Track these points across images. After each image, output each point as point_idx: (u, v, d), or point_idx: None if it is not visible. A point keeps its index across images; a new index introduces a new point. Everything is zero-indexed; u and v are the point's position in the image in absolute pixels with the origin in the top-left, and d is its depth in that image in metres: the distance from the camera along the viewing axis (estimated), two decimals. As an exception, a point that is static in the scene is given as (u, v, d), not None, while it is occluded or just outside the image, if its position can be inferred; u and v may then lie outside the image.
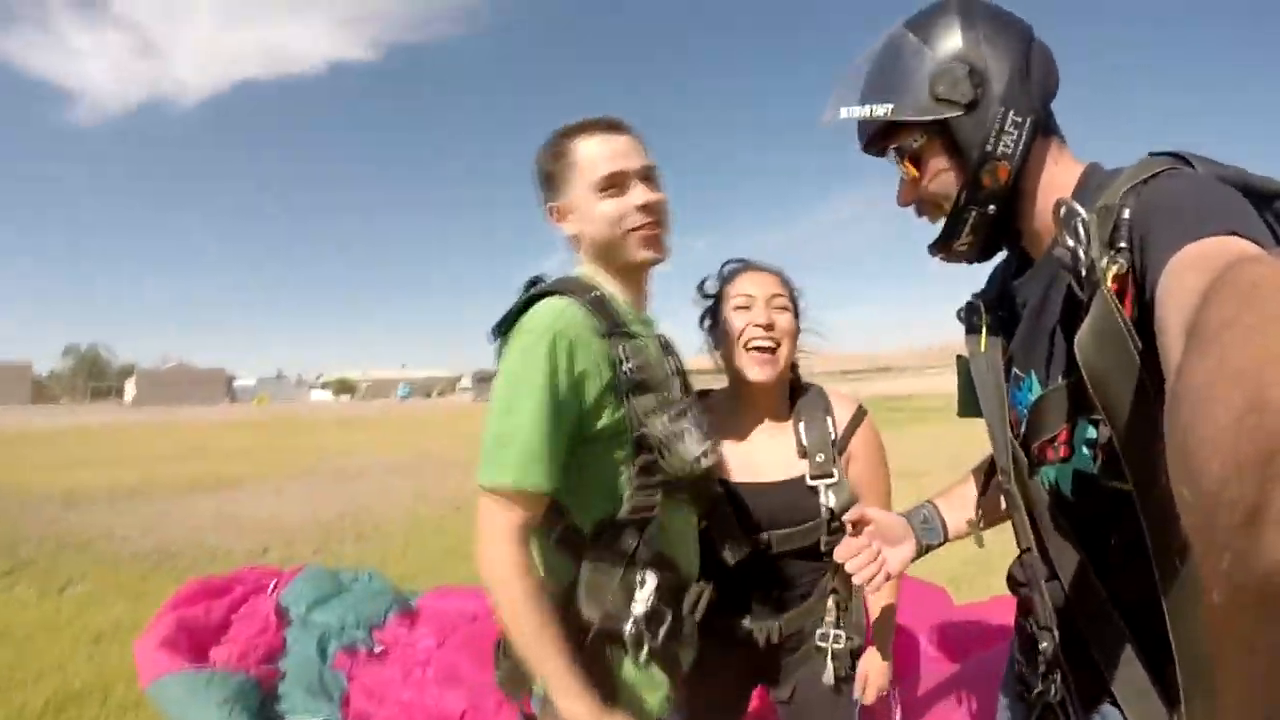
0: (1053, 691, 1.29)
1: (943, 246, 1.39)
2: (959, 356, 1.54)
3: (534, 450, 1.41)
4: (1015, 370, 1.38)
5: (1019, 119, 1.25)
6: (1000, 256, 1.47)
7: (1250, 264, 0.46)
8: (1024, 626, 1.43)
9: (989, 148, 1.26)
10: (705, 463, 1.58)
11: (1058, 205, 1.12)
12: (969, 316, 1.51)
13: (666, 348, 1.77)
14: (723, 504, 1.86)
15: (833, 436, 1.96)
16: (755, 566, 1.92)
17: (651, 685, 1.57)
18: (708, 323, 2.06)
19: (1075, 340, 1.05)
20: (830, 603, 1.96)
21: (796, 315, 2.02)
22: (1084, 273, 1.08)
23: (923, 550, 1.62)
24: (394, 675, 3.46)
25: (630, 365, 1.52)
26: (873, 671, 2.03)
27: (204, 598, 4.39)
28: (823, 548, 1.91)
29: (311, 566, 4.60)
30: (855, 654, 1.98)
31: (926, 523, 1.65)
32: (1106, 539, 1.20)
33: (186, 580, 5.38)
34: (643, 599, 1.52)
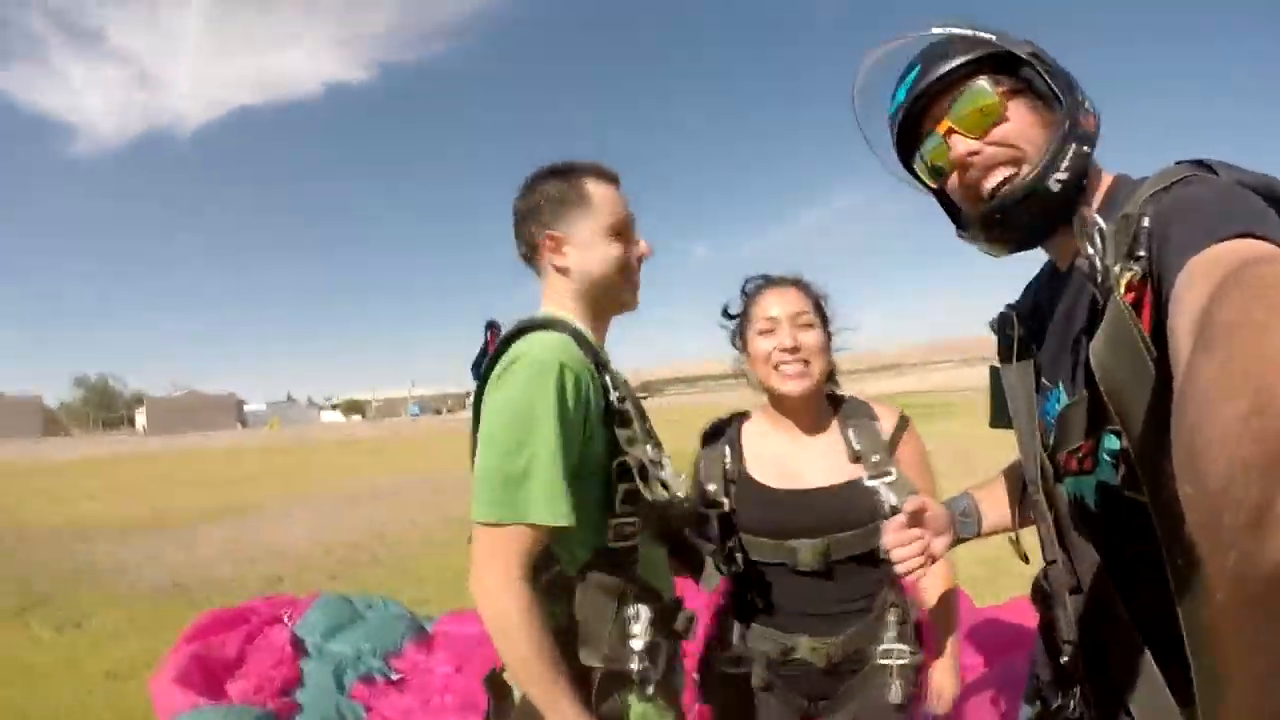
0: (1071, 707, 1.28)
1: (1005, 212, 1.26)
2: (991, 367, 1.51)
3: (555, 484, 1.37)
4: (1044, 381, 1.36)
5: (1091, 109, 1.24)
6: (1008, 268, 1.45)
7: (1259, 264, 0.48)
8: (1046, 639, 1.41)
9: (1079, 96, 1.23)
10: (680, 491, 1.60)
11: (1078, 215, 1.12)
12: (1002, 327, 1.48)
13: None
14: (769, 511, 1.93)
15: (884, 439, 1.97)
16: (810, 580, 1.90)
17: (658, 717, 1.55)
18: (739, 343, 2.08)
19: (1090, 348, 1.04)
20: (891, 617, 1.91)
21: (826, 324, 2.01)
22: (1100, 280, 1.08)
23: (956, 542, 1.60)
24: (413, 704, 3.43)
25: (617, 395, 1.53)
26: (945, 682, 2.00)
27: (218, 630, 4.36)
28: (883, 554, 1.71)
29: (326, 594, 4.59)
30: (920, 670, 1.94)
31: (965, 515, 1.63)
32: (1128, 552, 1.18)
33: (200, 613, 5.38)
34: (641, 633, 1.50)
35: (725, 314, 2.11)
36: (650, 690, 1.50)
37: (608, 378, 1.54)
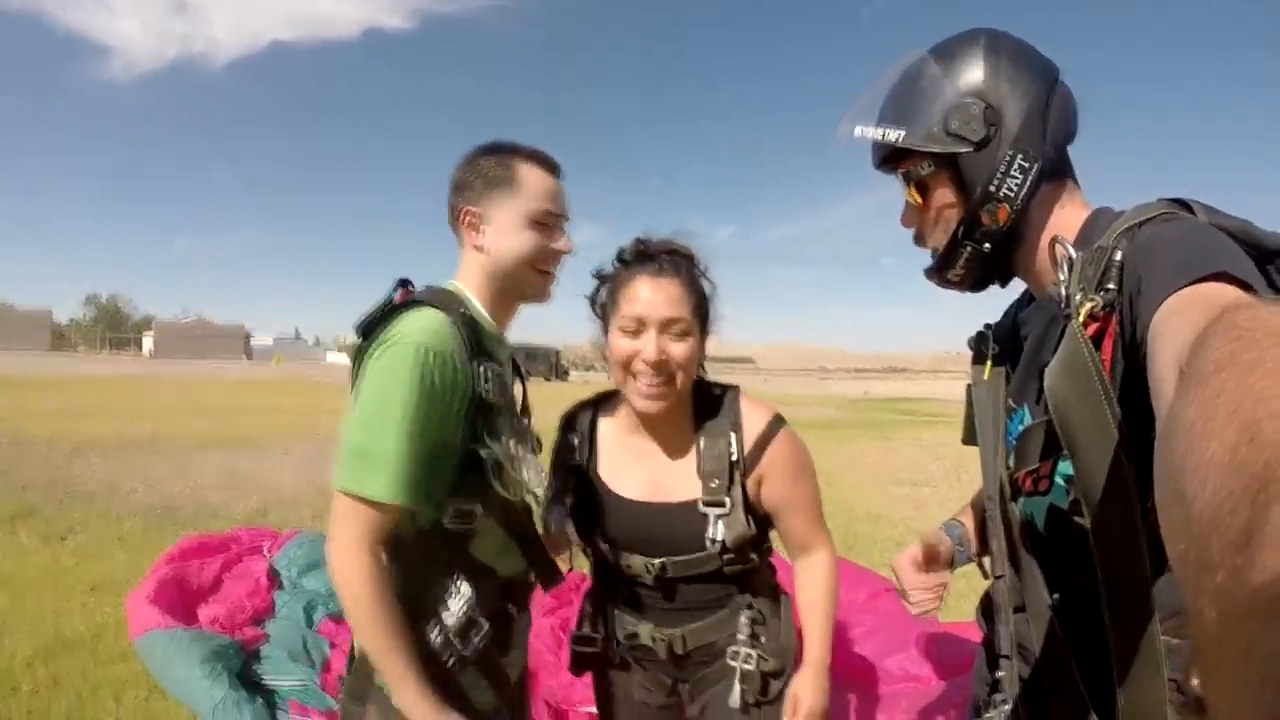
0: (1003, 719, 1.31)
1: (936, 274, 1.42)
2: (968, 385, 1.55)
3: (402, 467, 1.42)
4: (1010, 402, 1.40)
5: (1026, 163, 1.26)
6: (992, 289, 1.48)
7: (1246, 308, 0.48)
8: (986, 653, 1.46)
9: (992, 188, 1.27)
10: (539, 491, 1.67)
11: (1051, 243, 1.16)
12: (977, 345, 1.53)
13: (516, 369, 1.81)
14: (616, 517, 1.79)
15: (734, 456, 1.72)
16: (654, 591, 1.81)
17: (477, 689, 1.61)
18: (599, 317, 1.79)
19: (1045, 372, 1.07)
20: (743, 618, 1.77)
21: (705, 325, 1.74)
22: (1062, 307, 1.10)
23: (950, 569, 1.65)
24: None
25: (486, 387, 1.54)
26: (805, 693, 1.74)
27: (199, 554, 4.45)
28: (725, 572, 1.75)
29: (307, 532, 4.66)
30: (773, 675, 1.78)
31: (961, 543, 1.65)
32: (1073, 575, 1.21)
33: (184, 536, 5.47)
34: (456, 610, 1.55)
35: (596, 275, 1.80)
36: (452, 663, 1.55)
37: (483, 368, 1.54)
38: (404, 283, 1.61)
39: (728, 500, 1.69)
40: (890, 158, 1.39)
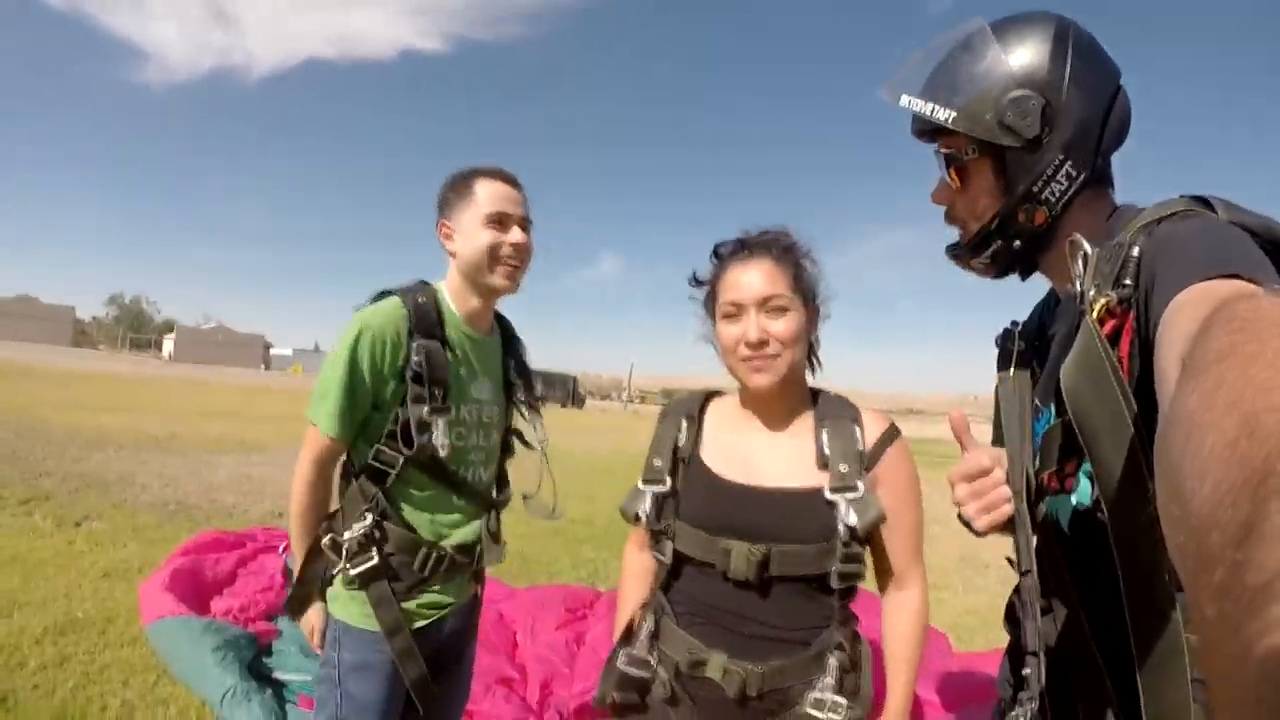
0: (1028, 717, 1.26)
1: (962, 258, 1.40)
2: (995, 386, 1.52)
3: (339, 408, 1.89)
4: (1036, 401, 1.38)
5: (1074, 172, 1.24)
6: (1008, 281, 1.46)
7: (1247, 299, 0.48)
8: (1011, 652, 1.42)
9: (1035, 189, 1.26)
10: (442, 453, 1.97)
11: (1070, 240, 1.13)
12: (1003, 341, 1.50)
13: (514, 364, 2.27)
14: (715, 501, 1.69)
15: (860, 448, 1.65)
16: (741, 592, 1.63)
17: (354, 601, 1.97)
18: (710, 317, 1.78)
19: (1061, 369, 1.06)
20: (833, 661, 1.60)
21: (807, 300, 1.72)
22: (1078, 303, 1.09)
23: None
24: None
25: (416, 360, 1.92)
26: None
27: (215, 549, 4.47)
28: (834, 583, 1.58)
29: (323, 534, 4.65)
30: None
31: None
32: (1096, 573, 1.19)
33: (201, 529, 5.47)
34: (355, 530, 1.93)
35: (693, 280, 1.81)
36: (335, 571, 1.96)
37: (418, 345, 1.92)
38: (385, 292, 2.05)
39: (860, 485, 1.60)
40: (933, 133, 1.36)
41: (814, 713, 1.56)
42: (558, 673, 3.34)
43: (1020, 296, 1.48)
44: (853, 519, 1.57)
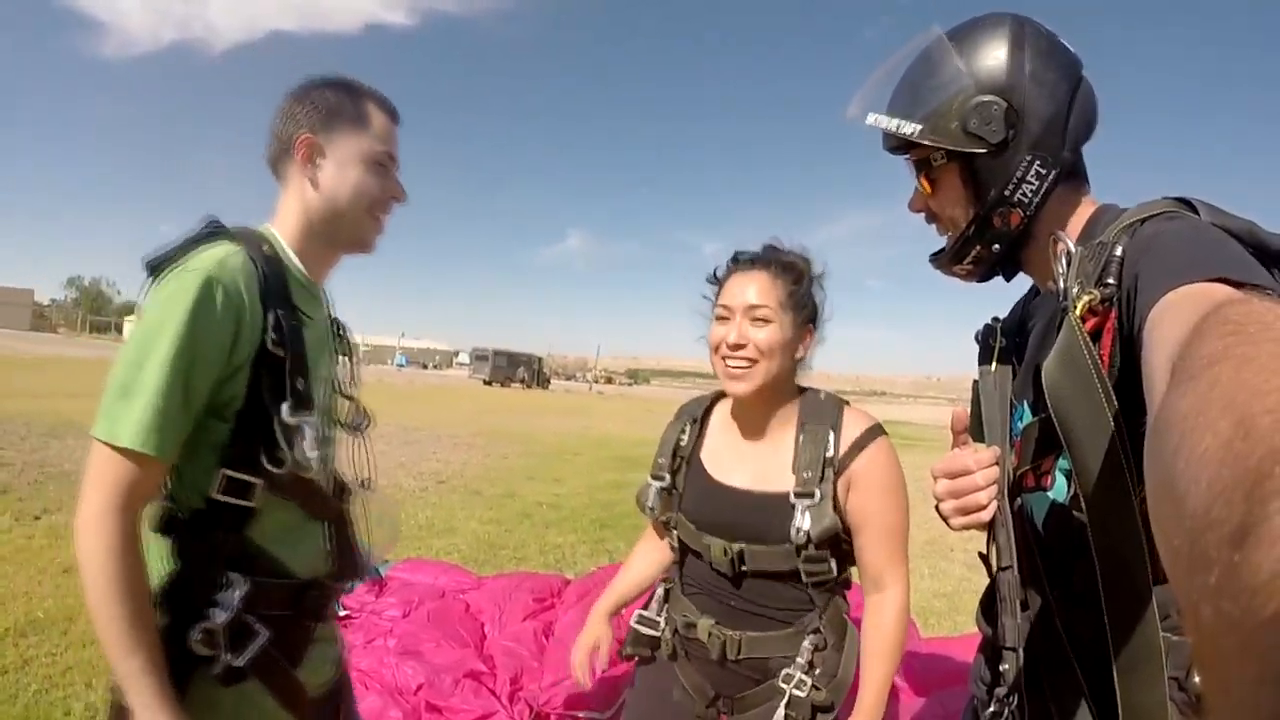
0: (1005, 714, 1.26)
1: (944, 265, 1.41)
2: (975, 380, 1.52)
3: (160, 409, 1.22)
4: (1012, 397, 1.39)
5: (1044, 169, 1.24)
6: (995, 282, 1.46)
7: (1240, 303, 0.48)
8: (987, 648, 1.41)
9: (1007, 192, 1.26)
10: (313, 467, 1.43)
11: (1053, 239, 1.14)
12: (984, 338, 1.51)
13: (339, 334, 1.67)
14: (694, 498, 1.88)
15: (829, 453, 1.74)
16: (722, 579, 1.83)
17: (256, 709, 1.39)
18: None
19: (1043, 366, 1.06)
20: (807, 642, 1.75)
21: (801, 313, 1.80)
22: (1060, 301, 1.09)
23: None
24: (355, 641, 3.47)
25: (273, 338, 1.35)
26: None
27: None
28: (803, 578, 1.73)
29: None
30: (823, 709, 1.74)
31: None
32: (1072, 572, 1.19)
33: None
34: (225, 606, 1.31)
35: (711, 278, 1.90)
36: (219, 672, 1.31)
37: (274, 315, 1.36)
38: (214, 224, 1.42)
39: (817, 492, 1.71)
40: (902, 144, 1.36)
41: (782, 685, 1.73)
42: (527, 666, 3.35)
43: (988, 285, 1.48)
44: (807, 524, 1.69)
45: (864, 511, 1.74)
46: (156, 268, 1.32)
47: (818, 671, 1.75)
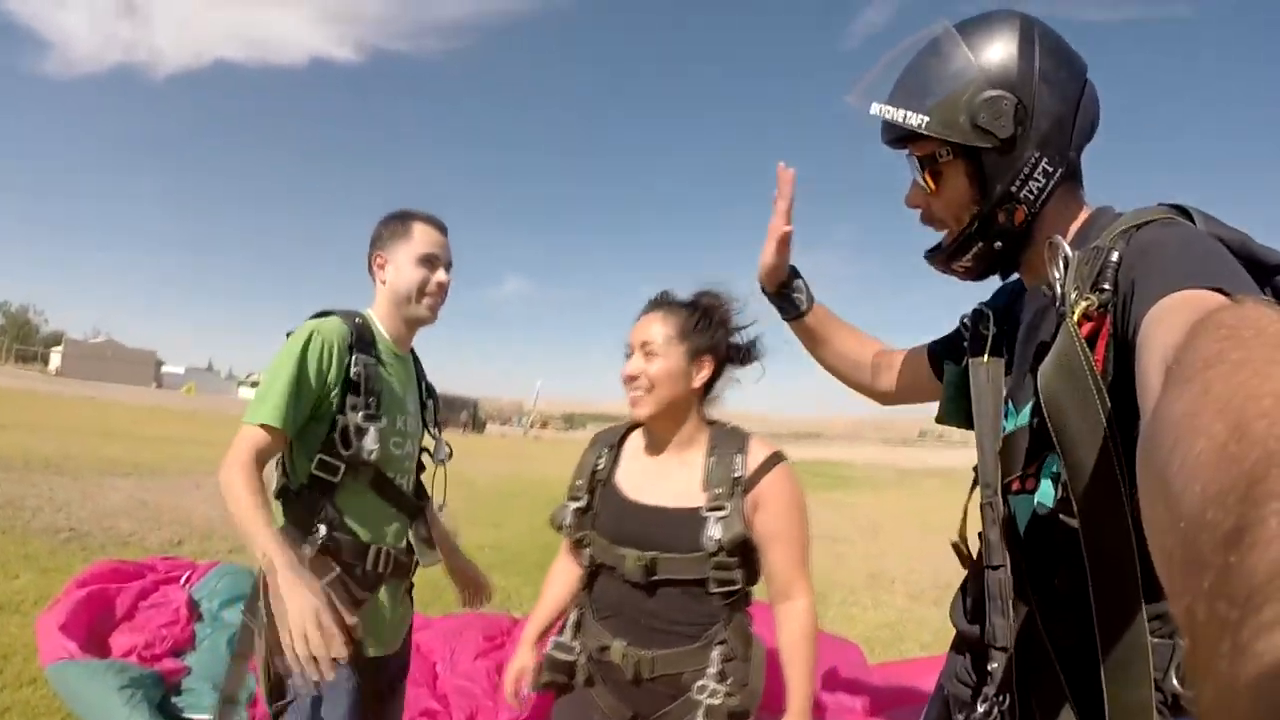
0: (994, 713, 1.26)
1: (943, 262, 1.40)
2: (948, 364, 1.54)
3: (283, 401, 1.92)
4: (1009, 401, 1.38)
5: (1050, 167, 1.25)
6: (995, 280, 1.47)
7: (1234, 308, 0.50)
8: (974, 647, 1.38)
9: (1013, 188, 1.26)
10: (373, 458, 2.05)
11: (1049, 242, 1.15)
12: (975, 322, 1.51)
13: (424, 386, 2.42)
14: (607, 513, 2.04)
15: (737, 474, 1.91)
16: (636, 591, 1.92)
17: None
18: None
19: (1039, 370, 1.08)
20: (715, 654, 1.87)
21: (697, 345, 1.99)
22: (1058, 306, 1.11)
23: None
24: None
25: (355, 371, 2.04)
26: None
27: (113, 579, 4.28)
28: (711, 587, 1.85)
29: (228, 564, 4.54)
30: (736, 715, 1.86)
31: (797, 290, 1.89)
32: (1055, 575, 1.20)
33: (96, 559, 5.21)
34: (311, 545, 1.96)
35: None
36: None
37: (356, 357, 2.05)
38: (326, 309, 2.16)
39: (728, 506, 1.87)
40: (905, 139, 1.35)
41: (696, 696, 1.84)
42: (481, 705, 3.33)
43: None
44: (718, 533, 1.84)
45: (772, 527, 1.90)
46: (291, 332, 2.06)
47: (729, 680, 1.86)
